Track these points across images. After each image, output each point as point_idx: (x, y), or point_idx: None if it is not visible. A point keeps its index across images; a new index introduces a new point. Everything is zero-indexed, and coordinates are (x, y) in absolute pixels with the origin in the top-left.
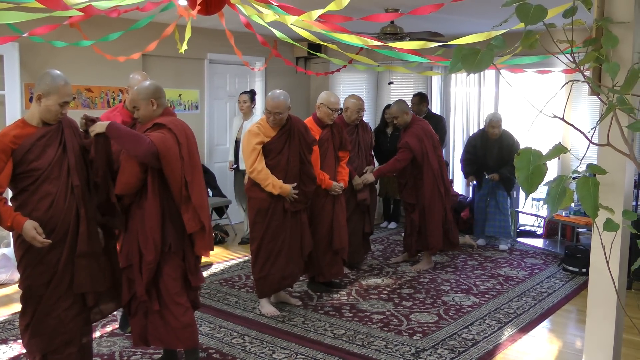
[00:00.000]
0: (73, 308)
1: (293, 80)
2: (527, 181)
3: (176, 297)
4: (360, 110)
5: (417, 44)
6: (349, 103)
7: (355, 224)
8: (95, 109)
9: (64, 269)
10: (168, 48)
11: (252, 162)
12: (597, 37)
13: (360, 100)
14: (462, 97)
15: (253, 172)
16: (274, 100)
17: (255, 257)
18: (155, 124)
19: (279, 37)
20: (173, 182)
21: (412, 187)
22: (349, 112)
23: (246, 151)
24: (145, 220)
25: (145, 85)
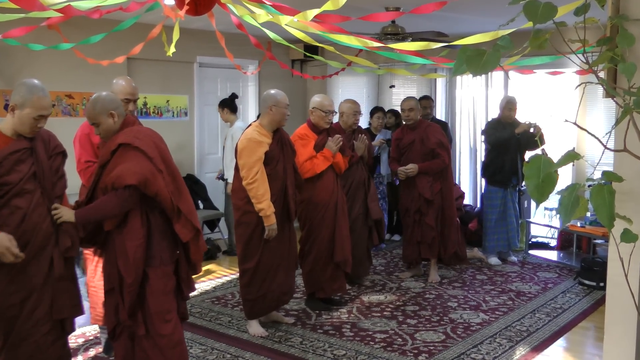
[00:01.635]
0: (52, 333)
1: (288, 85)
2: (537, 190)
3: (166, 314)
4: (356, 114)
5: (420, 45)
6: (344, 107)
7: (359, 234)
8: (76, 117)
9: (42, 291)
10: (154, 51)
11: (255, 174)
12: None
13: (355, 103)
14: (468, 100)
15: (254, 183)
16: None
17: (252, 276)
18: (120, 145)
19: (273, 38)
20: (163, 200)
21: (431, 186)
22: (345, 117)
23: (249, 161)
24: (126, 241)
25: (99, 97)
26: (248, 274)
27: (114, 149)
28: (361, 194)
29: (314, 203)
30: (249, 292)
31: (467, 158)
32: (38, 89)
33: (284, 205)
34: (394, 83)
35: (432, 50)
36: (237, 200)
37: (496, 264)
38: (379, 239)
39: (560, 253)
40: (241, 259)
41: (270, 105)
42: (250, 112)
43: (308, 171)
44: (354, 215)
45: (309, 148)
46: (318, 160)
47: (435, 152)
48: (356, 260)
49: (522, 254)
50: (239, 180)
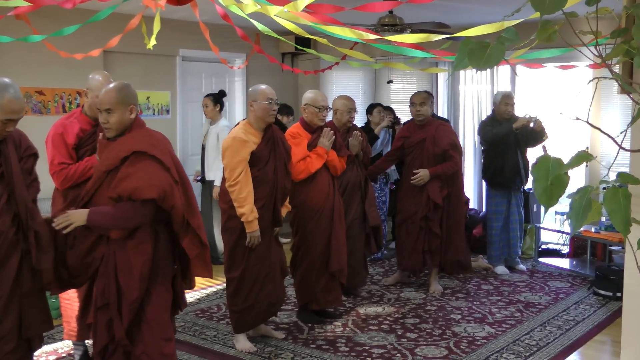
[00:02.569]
0: (16, 352)
1: (278, 80)
2: (545, 193)
3: (168, 332)
4: (351, 111)
5: (420, 37)
6: (338, 104)
7: (355, 241)
8: (48, 115)
9: (6, 305)
10: (133, 44)
11: (238, 175)
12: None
13: (350, 100)
14: (472, 96)
15: (236, 185)
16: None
17: (238, 285)
18: (135, 153)
19: (262, 30)
20: (175, 214)
21: (441, 190)
22: (339, 115)
23: (232, 161)
24: (131, 255)
25: (126, 85)
26: (234, 283)
27: (125, 156)
28: (357, 197)
29: (307, 207)
30: (235, 303)
31: (471, 159)
32: (8, 89)
33: (274, 210)
34: (391, 78)
35: (432, 42)
36: (223, 203)
37: (503, 273)
38: (376, 247)
39: (572, 261)
40: (227, 268)
41: (250, 102)
42: (237, 110)
43: (302, 172)
44: (350, 220)
45: (302, 147)
46: (311, 159)
47: (447, 154)
48: (352, 269)
49: (532, 262)
50: (224, 184)
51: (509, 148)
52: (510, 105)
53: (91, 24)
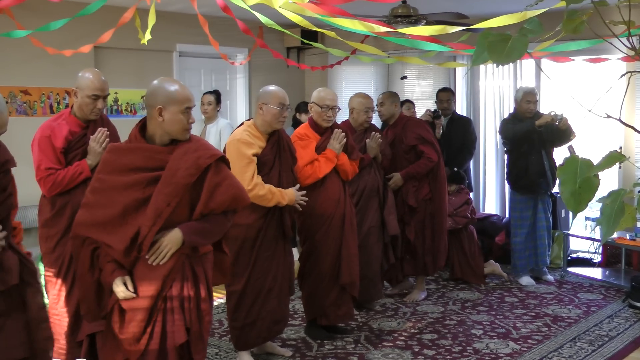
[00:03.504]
0: None
1: (283, 77)
2: (573, 197)
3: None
4: (368, 111)
5: (436, 29)
6: (354, 102)
7: (372, 251)
8: (34, 116)
9: None
10: (126, 39)
11: (251, 178)
12: None
13: (367, 98)
14: (493, 92)
15: (254, 189)
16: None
17: (239, 300)
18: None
19: (265, 23)
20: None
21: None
22: (355, 114)
23: (238, 164)
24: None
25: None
26: (235, 297)
27: (209, 163)
28: (374, 204)
29: (316, 215)
30: (236, 319)
31: (493, 160)
32: None
33: (279, 220)
34: (405, 74)
35: (450, 35)
36: None
37: (528, 284)
38: (394, 257)
39: (605, 270)
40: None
41: (260, 104)
42: (239, 109)
43: (309, 177)
44: (366, 228)
45: (310, 150)
46: (320, 163)
47: (418, 150)
48: (367, 281)
49: (560, 272)
50: None
51: (533, 148)
52: (533, 103)
53: (81, 18)
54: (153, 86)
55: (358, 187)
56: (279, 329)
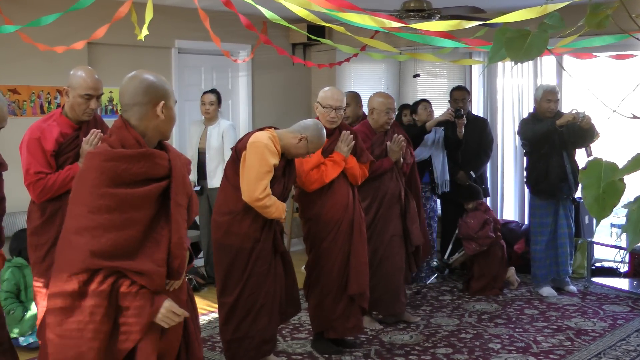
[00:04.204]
0: None
1: (288, 75)
2: (597, 203)
3: None
4: (389, 111)
5: (451, 24)
6: (375, 102)
7: (394, 262)
8: (23, 116)
9: None
10: (122, 34)
11: (265, 187)
12: None
13: (388, 98)
14: (512, 91)
15: (263, 199)
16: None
17: (229, 313)
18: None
19: (269, 18)
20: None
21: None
22: (375, 115)
23: (257, 169)
24: None
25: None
26: (225, 309)
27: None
28: (396, 211)
29: (323, 221)
30: (224, 331)
31: (512, 163)
32: None
33: (274, 234)
34: (418, 72)
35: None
36: (220, 216)
37: (550, 295)
38: (415, 266)
39: (632, 281)
40: (219, 291)
41: (302, 136)
42: (241, 109)
43: (315, 181)
44: (388, 237)
45: (316, 153)
46: (327, 167)
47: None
48: (390, 295)
49: (583, 283)
50: (224, 193)
51: (554, 149)
52: (554, 102)
53: (73, 12)
54: (146, 80)
55: (379, 194)
56: (268, 348)
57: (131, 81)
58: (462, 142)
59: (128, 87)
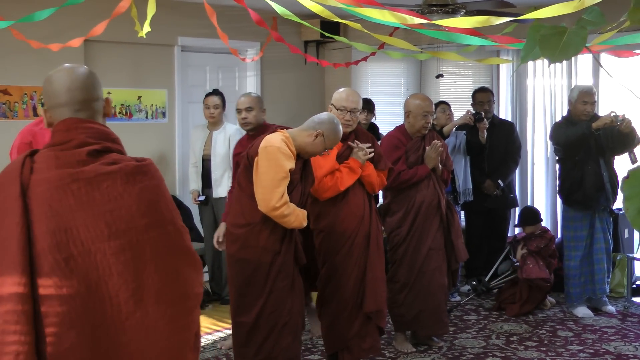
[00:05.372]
0: None
1: (301, 75)
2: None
3: None
4: (427, 115)
5: (478, 20)
6: (411, 105)
7: (433, 278)
8: (14, 119)
9: None
10: (122, 31)
11: (282, 194)
12: None
13: (426, 100)
14: (543, 92)
15: (281, 207)
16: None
17: (250, 334)
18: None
19: (280, 13)
20: None
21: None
22: (412, 118)
23: (272, 176)
24: None
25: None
26: (243, 329)
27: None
28: (435, 222)
29: (337, 232)
30: (244, 355)
31: (543, 170)
32: None
33: (295, 246)
34: (441, 72)
35: (492, 26)
36: (235, 228)
37: (585, 316)
38: (452, 284)
39: None
40: (235, 309)
41: (317, 132)
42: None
43: (329, 189)
44: (424, 251)
45: (330, 158)
46: (342, 173)
47: None
48: (429, 313)
49: (623, 303)
50: (240, 203)
51: (590, 156)
52: (590, 104)
53: (70, 7)
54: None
55: (414, 204)
56: None
57: (78, 74)
58: (486, 148)
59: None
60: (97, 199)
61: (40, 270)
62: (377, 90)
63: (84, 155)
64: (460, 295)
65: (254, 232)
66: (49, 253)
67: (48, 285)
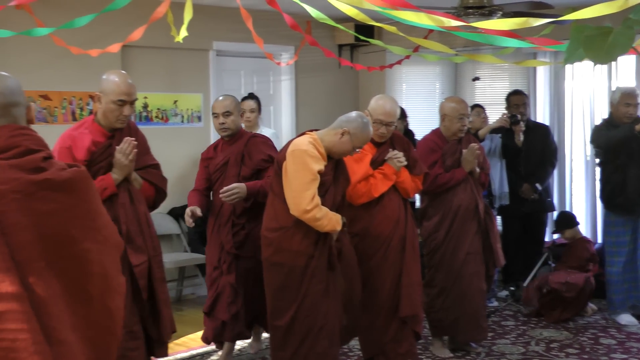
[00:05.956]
0: None
1: (335, 78)
2: None
3: None
4: (463, 118)
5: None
6: (447, 108)
7: (470, 281)
8: (54, 123)
9: None
10: (158, 36)
11: (312, 197)
12: None
13: (461, 102)
14: (583, 95)
15: (312, 210)
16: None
17: (284, 338)
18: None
19: (315, 17)
20: None
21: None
22: (447, 122)
23: (301, 178)
24: None
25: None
26: (278, 333)
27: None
28: (473, 227)
29: (372, 236)
30: (280, 359)
31: (582, 174)
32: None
33: (329, 250)
34: (477, 74)
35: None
36: (269, 232)
37: (629, 323)
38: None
39: None
40: (271, 313)
41: (343, 130)
42: (284, 116)
43: (362, 195)
44: (462, 256)
45: (364, 164)
46: (376, 180)
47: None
48: (467, 319)
49: None
50: (273, 207)
51: (632, 159)
52: (633, 106)
53: (106, 13)
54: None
55: (451, 208)
56: None
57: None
58: (522, 151)
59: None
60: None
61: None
62: (412, 93)
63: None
64: (497, 300)
65: (286, 235)
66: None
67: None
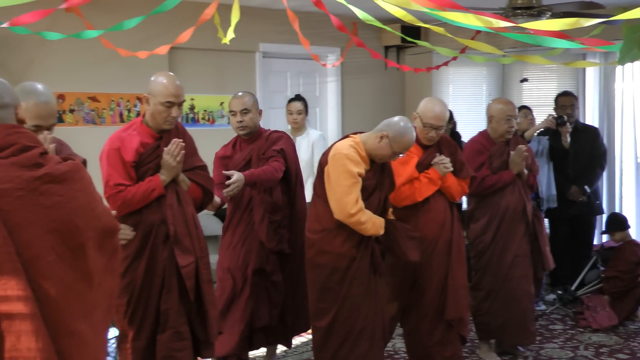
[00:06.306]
0: None
1: (381, 80)
2: None
3: None
4: (510, 119)
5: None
6: (494, 110)
7: (518, 285)
8: (102, 125)
9: None
10: (205, 38)
11: (355, 201)
12: None
13: (508, 104)
14: (633, 96)
15: (357, 214)
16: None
17: (325, 339)
18: None
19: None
20: None
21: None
22: (495, 123)
23: (342, 182)
24: None
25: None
26: (319, 334)
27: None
28: (521, 229)
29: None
30: (322, 359)
31: (633, 177)
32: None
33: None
34: (525, 76)
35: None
36: (312, 233)
37: None
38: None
39: None
40: (312, 314)
41: (382, 134)
42: (329, 117)
43: (406, 198)
44: (509, 259)
45: (410, 166)
46: (420, 183)
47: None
48: (515, 322)
49: None
50: (316, 209)
51: None
52: None
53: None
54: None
55: (499, 210)
56: None
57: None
58: (569, 153)
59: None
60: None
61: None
62: (459, 95)
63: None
64: (545, 304)
65: (329, 237)
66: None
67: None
